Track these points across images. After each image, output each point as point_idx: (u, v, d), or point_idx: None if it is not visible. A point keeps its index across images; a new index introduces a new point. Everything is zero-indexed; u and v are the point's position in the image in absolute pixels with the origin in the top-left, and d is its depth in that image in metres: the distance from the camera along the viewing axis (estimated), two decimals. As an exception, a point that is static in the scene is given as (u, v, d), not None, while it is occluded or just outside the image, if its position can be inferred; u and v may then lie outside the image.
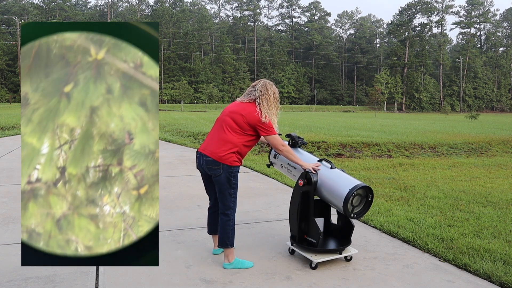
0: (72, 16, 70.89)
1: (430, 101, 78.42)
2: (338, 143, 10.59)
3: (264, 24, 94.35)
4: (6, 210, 4.66)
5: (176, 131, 14.45)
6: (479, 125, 22.51)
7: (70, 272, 3.02)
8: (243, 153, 3.20)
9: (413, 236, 3.87)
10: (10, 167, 7.45)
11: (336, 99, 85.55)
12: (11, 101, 54.29)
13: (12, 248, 3.52)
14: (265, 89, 3.22)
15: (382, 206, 4.95)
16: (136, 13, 78.73)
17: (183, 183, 6.38)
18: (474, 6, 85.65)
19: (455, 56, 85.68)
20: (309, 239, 3.26)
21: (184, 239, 3.83)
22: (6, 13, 68.96)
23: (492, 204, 5.23)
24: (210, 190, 3.38)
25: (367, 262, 3.35)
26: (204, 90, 69.22)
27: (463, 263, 3.28)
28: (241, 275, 3.06)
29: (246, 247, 3.62)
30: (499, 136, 13.72)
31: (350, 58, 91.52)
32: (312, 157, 3.44)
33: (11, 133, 13.51)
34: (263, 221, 4.44)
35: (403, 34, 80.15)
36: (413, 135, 13.43)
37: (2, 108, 35.10)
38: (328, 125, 18.87)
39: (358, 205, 3.21)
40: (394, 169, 8.10)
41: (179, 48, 72.36)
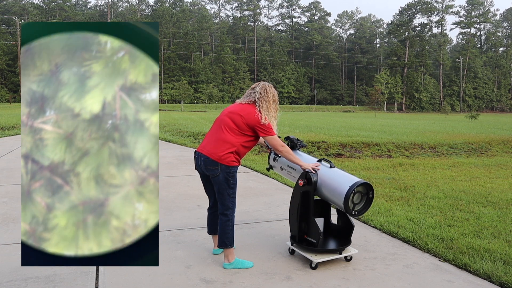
0: (72, 16, 70.90)
1: (430, 101, 78.41)
2: (338, 143, 10.59)
3: (264, 24, 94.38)
4: (6, 210, 4.66)
5: (176, 131, 14.45)
6: (479, 125, 22.50)
7: (70, 272, 3.02)
8: (242, 153, 3.20)
9: (413, 236, 3.87)
10: (10, 167, 7.45)
11: (336, 99, 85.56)
12: (11, 101, 54.29)
13: (12, 248, 3.52)
14: (264, 91, 3.22)
15: (382, 206, 4.95)
16: (136, 13, 78.73)
17: (183, 183, 6.38)
18: (474, 6, 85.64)
19: (455, 56, 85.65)
20: (309, 239, 3.26)
21: (184, 239, 3.83)
22: (6, 13, 68.94)
23: (492, 204, 5.23)
24: (209, 190, 3.38)
25: (367, 262, 3.35)
26: (204, 90, 69.23)
27: (463, 263, 3.28)
28: (241, 275, 3.06)
29: (246, 247, 3.62)
30: (499, 136, 13.72)
31: (350, 58, 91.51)
32: (311, 158, 3.44)
33: (11, 133, 13.50)
34: (263, 221, 4.44)
35: (403, 34, 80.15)
36: (413, 135, 13.43)
37: (2, 108, 35.09)
38: (328, 125, 18.87)
39: (359, 203, 3.21)
40: (394, 169, 8.10)
41: (179, 48, 72.36)
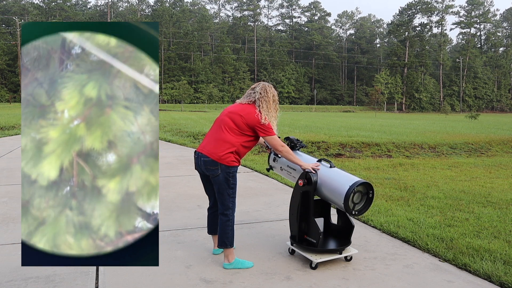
0: (72, 16, 70.89)
1: (430, 101, 78.41)
2: (338, 143, 10.59)
3: (264, 24, 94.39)
4: (6, 210, 4.66)
5: (176, 131, 14.45)
6: (479, 125, 22.50)
7: (70, 272, 3.02)
8: (241, 153, 3.20)
9: (413, 236, 3.87)
10: (10, 167, 7.45)
11: (336, 99, 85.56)
12: (11, 101, 54.28)
13: (12, 248, 3.52)
14: (264, 92, 3.22)
15: (382, 206, 4.95)
16: (136, 13, 78.73)
17: (183, 183, 6.38)
18: (474, 6, 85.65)
19: (455, 56, 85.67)
20: (309, 239, 3.26)
21: (184, 239, 3.83)
22: (6, 13, 68.95)
23: (492, 204, 5.23)
24: (209, 190, 3.38)
25: (367, 262, 3.35)
26: (204, 90, 69.23)
27: (463, 263, 3.28)
28: (241, 275, 3.06)
29: (246, 247, 3.62)
30: (499, 136, 13.72)
31: (350, 58, 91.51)
32: (311, 158, 3.44)
33: (11, 133, 13.50)
34: (263, 221, 4.43)
35: (403, 34, 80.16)
36: (413, 135, 13.43)
37: (2, 108, 35.09)
38: (328, 125, 18.87)
39: (359, 202, 3.21)
40: (394, 169, 8.10)
41: (179, 48, 72.36)
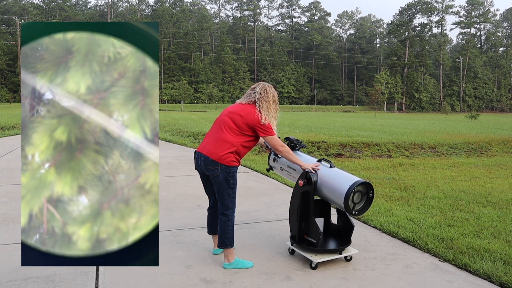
0: (72, 16, 70.90)
1: (430, 101, 78.42)
2: (338, 143, 10.59)
3: (264, 24, 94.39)
4: (6, 210, 4.66)
5: (176, 131, 14.45)
6: (479, 125, 22.51)
7: (70, 272, 3.02)
8: (242, 153, 3.20)
9: (413, 236, 3.87)
10: (10, 167, 7.45)
11: (336, 99, 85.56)
12: (11, 101, 54.29)
13: (12, 248, 3.52)
14: (264, 92, 3.22)
15: (382, 206, 4.95)
16: (136, 13, 78.73)
17: (183, 183, 6.38)
18: (474, 6, 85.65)
19: (455, 56, 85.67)
20: (309, 239, 3.26)
21: (184, 239, 3.83)
22: (6, 13, 68.95)
23: (492, 204, 5.23)
24: (209, 190, 3.38)
25: (367, 262, 3.35)
26: (204, 90, 69.23)
27: (463, 263, 3.28)
28: (241, 275, 3.06)
29: (246, 247, 3.62)
30: (499, 136, 13.72)
31: (350, 58, 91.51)
32: (311, 158, 3.44)
33: (11, 133, 13.51)
34: (263, 221, 4.44)
35: (403, 34, 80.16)
36: (413, 135, 13.43)
37: (2, 108, 35.09)
38: (328, 125, 18.87)
39: (359, 202, 3.21)
40: (394, 169, 8.10)
41: (179, 48, 72.36)
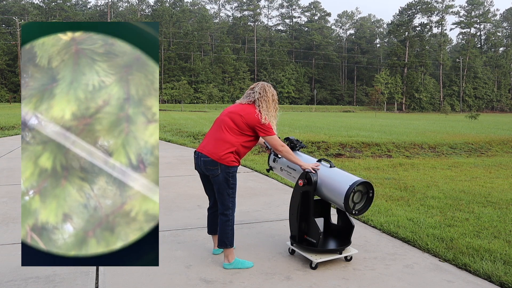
0: (72, 16, 70.89)
1: (430, 101, 78.42)
2: (338, 143, 10.59)
3: (264, 24, 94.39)
4: (6, 210, 4.66)
5: (176, 131, 14.45)
6: (479, 125, 22.50)
7: (70, 272, 3.02)
8: (241, 153, 3.20)
9: (413, 236, 3.87)
10: (10, 167, 7.45)
11: (336, 99, 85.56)
12: (11, 101, 54.28)
13: (12, 248, 3.52)
14: (264, 91, 3.22)
15: (382, 206, 4.95)
16: (136, 13, 78.72)
17: (183, 183, 6.38)
18: (474, 6, 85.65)
19: (455, 56, 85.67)
20: (309, 239, 3.26)
21: (184, 239, 3.83)
22: (6, 13, 68.94)
23: (492, 204, 5.23)
24: (209, 190, 3.38)
25: (367, 262, 3.35)
26: (204, 90, 69.22)
27: (463, 263, 3.28)
28: (241, 275, 3.06)
29: (246, 247, 3.62)
30: (499, 136, 13.72)
31: (350, 58, 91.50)
32: (311, 158, 3.44)
33: (11, 133, 13.50)
34: (263, 221, 4.44)
35: (403, 34, 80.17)
36: (413, 135, 13.43)
37: (2, 108, 35.09)
38: (328, 125, 18.87)
39: (359, 202, 3.21)
40: (394, 169, 8.10)
41: (179, 48, 72.36)
